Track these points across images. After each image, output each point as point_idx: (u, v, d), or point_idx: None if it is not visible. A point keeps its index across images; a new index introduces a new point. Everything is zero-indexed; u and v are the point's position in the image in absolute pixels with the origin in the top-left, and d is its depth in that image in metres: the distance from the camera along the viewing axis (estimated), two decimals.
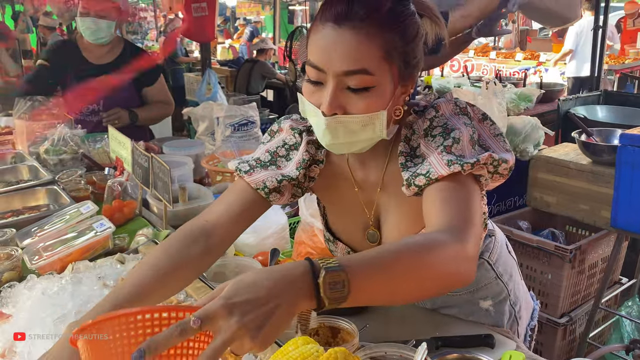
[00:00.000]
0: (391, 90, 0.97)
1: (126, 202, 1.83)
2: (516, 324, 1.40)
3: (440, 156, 0.97)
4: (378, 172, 1.13)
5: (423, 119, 1.06)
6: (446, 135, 1.00)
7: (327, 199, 1.25)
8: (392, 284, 0.79)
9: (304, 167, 1.13)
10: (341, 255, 1.23)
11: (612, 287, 2.87)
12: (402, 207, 1.12)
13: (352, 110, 0.95)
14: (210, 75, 5.50)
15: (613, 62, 7.18)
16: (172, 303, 1.19)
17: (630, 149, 2.26)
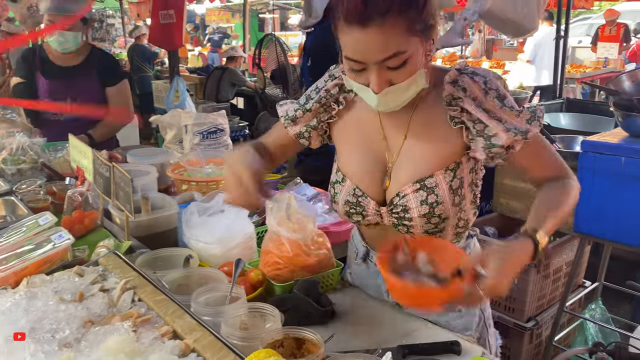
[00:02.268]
0: (422, 52, 1.12)
1: (87, 213, 1.77)
2: (486, 331, 1.44)
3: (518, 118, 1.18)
4: (405, 119, 1.26)
5: (472, 80, 1.20)
6: (502, 99, 1.19)
7: (345, 140, 1.37)
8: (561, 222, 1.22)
9: (318, 101, 1.35)
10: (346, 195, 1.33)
11: (576, 290, 2.93)
12: (420, 154, 1.26)
13: (397, 81, 1.11)
14: (179, 83, 5.43)
15: (575, 71, 7.39)
16: (132, 316, 1.15)
17: (591, 155, 2.32)
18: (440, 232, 1.29)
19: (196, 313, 1.18)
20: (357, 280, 1.56)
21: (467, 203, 1.29)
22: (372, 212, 1.31)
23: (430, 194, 1.23)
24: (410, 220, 1.26)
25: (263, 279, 1.52)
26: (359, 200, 1.32)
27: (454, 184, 1.24)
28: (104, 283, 1.30)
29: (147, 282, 1.28)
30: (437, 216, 1.25)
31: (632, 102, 2.27)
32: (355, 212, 1.33)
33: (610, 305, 2.96)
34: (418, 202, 1.24)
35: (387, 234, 1.34)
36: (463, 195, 1.27)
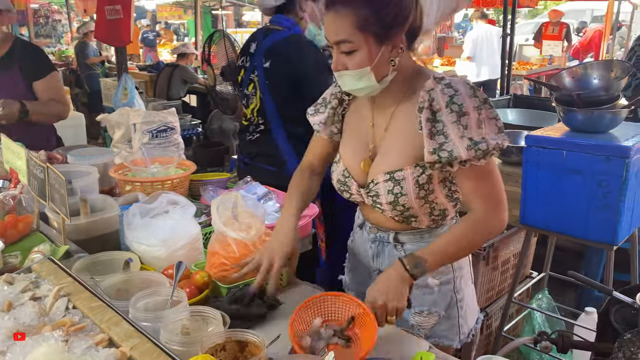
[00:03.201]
0: (374, 52, 1.28)
1: (21, 217, 1.68)
2: (457, 313, 1.56)
3: (461, 140, 1.27)
4: (389, 114, 1.42)
5: (442, 91, 1.30)
6: (460, 115, 1.28)
7: (347, 126, 1.55)
8: (454, 258, 1.44)
9: (335, 97, 1.53)
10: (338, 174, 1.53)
11: (524, 281, 3.02)
12: (395, 148, 1.41)
13: (349, 68, 1.30)
14: (127, 80, 5.26)
15: (522, 68, 7.62)
16: (65, 325, 1.10)
17: (534, 149, 2.37)
18: (413, 217, 1.44)
19: (134, 319, 1.13)
20: (355, 246, 1.68)
21: (438, 196, 1.42)
22: (355, 192, 1.49)
23: (396, 186, 1.38)
24: (381, 205, 1.43)
25: (209, 281, 1.48)
26: (346, 180, 1.51)
27: (421, 179, 1.37)
28: (35, 291, 1.23)
29: (82, 288, 1.23)
30: (402, 205, 1.40)
31: (572, 98, 2.33)
32: (344, 189, 1.53)
33: (556, 294, 3.06)
34: (386, 191, 1.40)
35: (372, 212, 1.52)
36: (431, 189, 1.39)
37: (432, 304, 1.52)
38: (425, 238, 1.49)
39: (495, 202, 1.34)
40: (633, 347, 1.31)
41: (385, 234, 1.53)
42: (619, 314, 1.63)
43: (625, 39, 10.82)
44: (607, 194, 2.20)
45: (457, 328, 1.57)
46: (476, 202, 1.34)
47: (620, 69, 2.36)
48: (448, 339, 1.57)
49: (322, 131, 1.57)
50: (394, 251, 1.53)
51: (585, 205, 2.27)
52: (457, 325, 1.56)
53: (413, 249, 1.46)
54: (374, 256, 1.58)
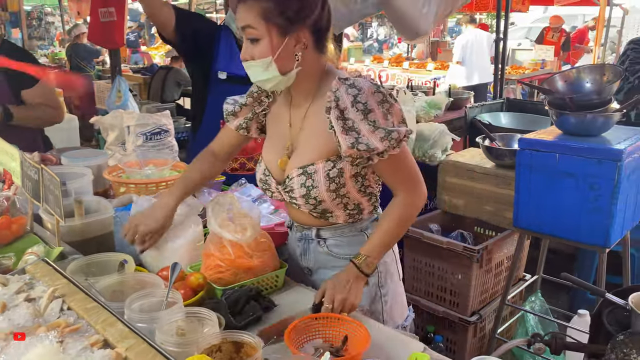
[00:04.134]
0: (276, 42, 1.36)
1: (15, 219, 1.67)
2: (381, 308, 1.61)
3: (373, 134, 1.35)
4: (302, 114, 1.50)
5: (347, 91, 1.38)
6: (367, 112, 1.36)
7: (269, 128, 1.63)
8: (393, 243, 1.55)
9: (252, 95, 1.60)
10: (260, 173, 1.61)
11: (517, 283, 3.03)
12: (309, 145, 1.48)
13: (254, 57, 1.38)
14: (121, 83, 5.25)
15: (515, 72, 7.67)
16: (60, 326, 1.09)
17: (527, 152, 2.39)
18: (328, 212, 1.51)
19: (130, 320, 1.13)
20: (289, 246, 1.74)
21: (350, 191, 1.49)
22: (274, 189, 1.56)
23: (308, 179, 1.46)
24: (296, 200, 1.50)
25: (204, 283, 1.48)
26: (266, 178, 1.58)
27: (332, 172, 1.45)
28: (30, 292, 1.22)
29: (77, 289, 1.22)
30: (314, 198, 1.47)
31: (564, 101, 2.35)
32: (265, 188, 1.61)
33: (549, 297, 3.08)
34: (299, 185, 1.47)
35: (292, 209, 1.61)
36: (342, 183, 1.46)
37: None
38: (346, 233, 1.58)
39: (414, 182, 1.48)
40: (626, 348, 1.33)
41: (309, 231, 1.60)
42: (612, 316, 1.65)
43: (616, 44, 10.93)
44: (599, 196, 2.22)
45: (382, 321, 1.59)
46: (398, 186, 1.48)
47: (613, 73, 2.38)
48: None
49: (230, 122, 1.65)
50: (318, 248, 1.60)
51: (578, 208, 2.29)
52: (382, 321, 1.59)
53: (334, 244, 1.59)
54: (302, 254, 1.65)
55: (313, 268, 1.65)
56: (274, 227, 1.92)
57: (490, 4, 6.83)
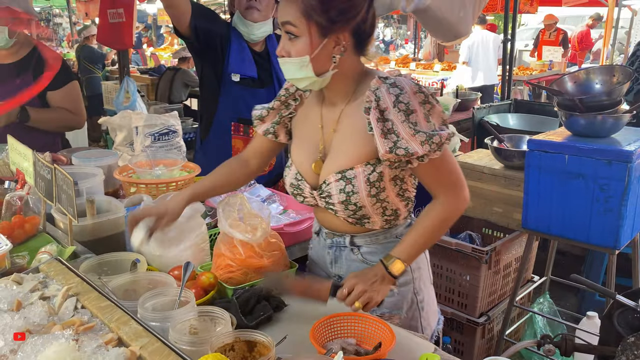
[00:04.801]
0: (315, 42, 1.31)
1: (28, 218, 1.69)
2: (418, 314, 1.57)
3: (414, 137, 1.30)
4: (336, 115, 1.45)
5: (388, 91, 1.33)
6: (408, 113, 1.31)
7: (297, 131, 1.57)
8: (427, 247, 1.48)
9: (279, 99, 1.55)
10: (291, 178, 1.54)
11: (525, 285, 3.02)
12: (345, 148, 1.42)
13: (291, 54, 1.33)
14: (129, 84, 5.27)
15: (522, 73, 7.65)
16: (75, 324, 1.10)
17: (537, 153, 2.39)
18: (366, 218, 1.46)
19: (143, 319, 1.14)
20: (314, 253, 1.67)
21: (390, 195, 1.43)
22: (308, 194, 1.50)
23: (348, 184, 1.40)
24: (333, 205, 1.45)
25: (215, 282, 1.49)
26: (299, 183, 1.51)
27: (372, 177, 1.39)
28: (44, 290, 1.24)
29: (91, 288, 1.23)
30: (354, 204, 1.41)
31: (574, 102, 2.35)
32: (297, 193, 1.53)
33: (557, 298, 3.07)
34: (338, 190, 1.41)
35: (325, 215, 1.53)
36: (382, 187, 1.41)
37: (393, 306, 1.52)
38: (380, 240, 1.51)
39: (457, 186, 1.42)
40: (637, 350, 1.32)
41: (341, 238, 1.54)
42: (622, 318, 1.64)
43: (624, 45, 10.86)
44: (609, 198, 2.22)
45: (420, 330, 1.57)
46: (439, 190, 1.42)
47: (623, 74, 2.37)
48: None
49: (258, 127, 1.61)
50: (351, 255, 1.54)
51: (588, 209, 2.28)
52: (420, 327, 1.57)
53: (369, 251, 1.51)
54: (332, 262, 1.58)
55: (344, 276, 1.54)
56: (283, 227, 1.93)
57: (498, 4, 6.82)
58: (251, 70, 2.45)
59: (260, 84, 2.48)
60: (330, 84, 1.39)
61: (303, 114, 1.55)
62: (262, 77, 2.49)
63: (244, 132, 2.51)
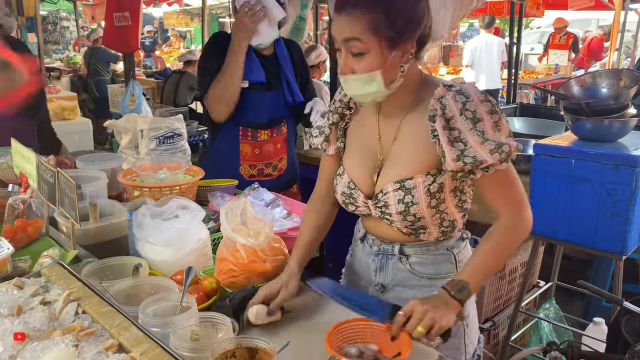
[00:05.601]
0: (385, 55, 1.27)
1: (30, 221, 1.68)
2: (462, 329, 1.50)
3: (482, 146, 1.26)
4: (397, 123, 1.40)
5: (454, 98, 1.29)
6: (475, 122, 1.27)
7: (351, 139, 1.52)
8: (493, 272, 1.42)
9: (337, 112, 1.50)
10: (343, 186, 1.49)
11: (531, 290, 3.00)
12: (405, 157, 1.39)
13: (357, 71, 1.28)
14: (134, 87, 5.28)
15: (528, 77, 7.62)
16: (75, 330, 1.09)
17: (543, 158, 2.37)
18: (422, 229, 1.41)
19: (144, 325, 1.13)
20: (355, 260, 1.63)
21: (449, 206, 1.39)
22: (362, 204, 1.45)
23: (407, 194, 1.35)
24: (390, 216, 1.40)
25: (217, 287, 1.48)
26: (352, 192, 1.47)
27: (433, 187, 1.35)
28: (45, 295, 1.23)
29: (92, 293, 1.23)
30: (413, 215, 1.37)
31: (580, 106, 2.33)
32: (349, 202, 1.48)
33: (563, 304, 3.04)
34: (396, 200, 1.36)
35: (378, 224, 1.48)
36: (442, 199, 1.36)
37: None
38: (432, 251, 1.46)
39: (521, 205, 1.35)
40: None
41: (389, 246, 1.49)
42: (630, 325, 1.62)
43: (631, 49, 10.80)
44: (616, 203, 2.19)
45: (464, 347, 1.50)
46: (503, 207, 1.34)
47: (630, 78, 2.35)
48: (453, 357, 1.47)
49: (328, 149, 1.54)
50: (398, 264, 1.49)
51: (594, 214, 2.26)
52: (464, 344, 1.50)
53: (418, 262, 1.46)
54: (377, 270, 1.52)
55: (389, 285, 1.51)
56: (286, 231, 1.91)
57: (504, 8, 6.80)
58: (259, 76, 2.44)
59: (269, 88, 2.47)
60: (391, 93, 1.34)
61: (358, 123, 1.50)
62: (270, 80, 2.48)
63: (252, 137, 2.50)
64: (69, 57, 10.81)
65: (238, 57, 2.33)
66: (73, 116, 5.10)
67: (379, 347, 1.21)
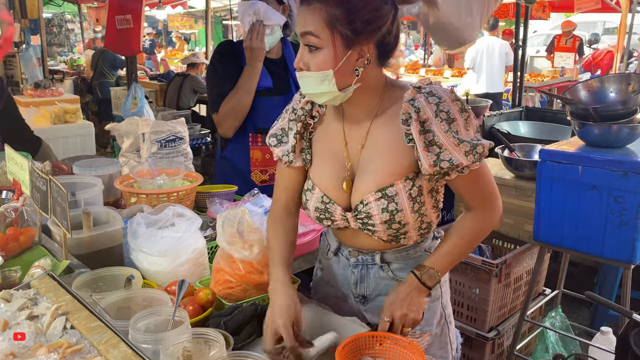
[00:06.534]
0: (338, 54, 1.22)
1: (23, 230, 1.64)
2: (447, 328, 1.53)
3: (458, 148, 1.25)
4: (364, 129, 1.36)
5: (427, 100, 1.26)
6: (450, 122, 1.25)
7: (316, 151, 1.44)
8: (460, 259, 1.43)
9: (300, 120, 1.41)
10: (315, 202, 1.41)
11: (537, 298, 2.94)
12: (380, 164, 1.34)
13: (311, 67, 1.24)
14: (137, 90, 5.27)
15: (533, 79, 7.56)
16: (62, 346, 1.05)
17: (549, 164, 2.32)
18: (404, 234, 1.38)
19: (134, 340, 1.09)
20: (327, 275, 1.58)
21: (427, 208, 1.37)
22: (339, 217, 1.39)
23: (390, 202, 1.31)
24: (373, 226, 1.35)
25: (213, 299, 1.44)
26: (327, 206, 1.40)
27: (413, 192, 1.32)
28: (33, 309, 1.19)
29: (81, 306, 1.19)
30: (398, 222, 1.33)
31: (587, 112, 2.27)
32: (325, 217, 1.42)
33: (569, 312, 2.98)
34: (379, 210, 1.32)
35: (355, 235, 1.44)
36: (422, 202, 1.35)
37: (424, 323, 1.45)
38: (411, 255, 1.45)
39: (491, 198, 1.38)
40: None
41: (368, 256, 1.45)
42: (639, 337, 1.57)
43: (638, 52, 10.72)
44: (624, 211, 2.14)
45: (449, 345, 1.54)
46: (475, 202, 1.38)
47: (638, 83, 2.30)
48: (443, 358, 1.52)
49: (294, 160, 1.43)
50: (380, 273, 1.45)
51: (602, 222, 2.20)
52: (449, 342, 1.53)
53: (399, 267, 1.45)
54: (358, 281, 1.48)
55: (371, 296, 1.48)
56: None
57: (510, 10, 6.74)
58: (266, 82, 2.41)
59: (277, 92, 2.44)
60: (352, 97, 1.30)
61: (323, 131, 1.43)
62: (278, 85, 2.44)
63: (262, 142, 2.46)
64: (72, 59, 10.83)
65: (254, 78, 2.33)
66: (75, 119, 5.06)
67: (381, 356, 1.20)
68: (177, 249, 1.57)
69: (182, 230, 1.61)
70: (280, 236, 1.46)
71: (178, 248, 1.58)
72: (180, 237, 1.59)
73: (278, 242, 1.45)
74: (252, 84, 2.33)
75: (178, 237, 1.58)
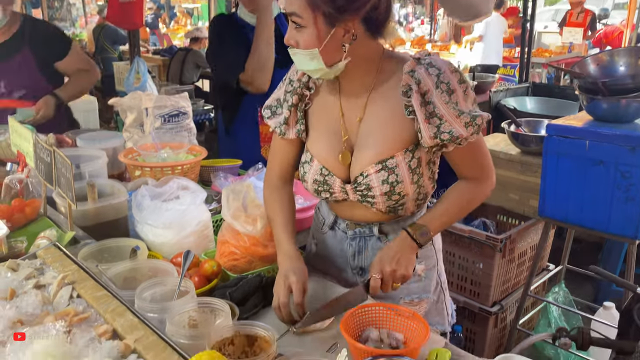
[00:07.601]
0: (321, 33, 1.22)
1: (28, 201, 1.65)
2: (443, 295, 1.57)
3: (458, 119, 1.25)
4: (362, 102, 1.35)
5: (427, 72, 1.26)
6: (450, 93, 1.25)
7: (313, 123, 1.44)
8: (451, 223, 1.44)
9: (295, 93, 1.40)
10: (314, 174, 1.41)
11: (540, 274, 2.94)
12: (379, 136, 1.33)
13: (299, 44, 1.24)
14: (139, 64, 5.22)
15: (541, 55, 7.46)
16: (69, 315, 1.06)
17: (556, 139, 2.30)
18: (401, 205, 1.40)
19: (140, 310, 1.09)
20: (322, 249, 1.58)
21: (425, 179, 1.39)
22: (338, 189, 1.40)
23: (391, 174, 1.32)
24: (373, 198, 1.36)
25: (218, 270, 1.44)
26: (325, 179, 1.40)
27: (413, 163, 1.34)
28: (40, 278, 1.20)
29: (87, 276, 1.19)
30: (397, 194, 1.35)
31: (596, 86, 2.24)
32: (324, 189, 1.42)
33: (572, 287, 2.99)
34: (380, 182, 1.33)
35: (353, 207, 1.44)
36: (421, 173, 1.36)
37: (422, 291, 1.50)
38: (408, 224, 1.43)
39: (486, 171, 1.39)
40: None
41: (366, 228, 1.46)
42: None
43: None
44: (631, 186, 2.13)
45: (445, 311, 1.58)
46: (470, 172, 1.39)
47: None
48: (440, 324, 1.56)
49: (287, 133, 1.45)
50: (378, 244, 1.47)
51: (608, 197, 2.19)
52: (445, 308, 1.57)
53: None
54: (355, 253, 1.50)
55: (369, 267, 1.45)
56: None
57: None
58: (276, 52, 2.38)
59: (280, 65, 2.41)
60: (347, 71, 1.29)
61: (320, 104, 1.43)
62: (279, 58, 2.41)
63: None
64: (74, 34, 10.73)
65: (269, 23, 2.30)
66: None
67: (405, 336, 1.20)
68: (181, 221, 1.57)
69: (187, 203, 1.61)
70: (282, 207, 1.48)
71: (183, 220, 1.58)
72: (185, 209, 1.59)
73: (281, 213, 1.46)
74: (269, 31, 2.30)
75: (183, 209, 1.58)
